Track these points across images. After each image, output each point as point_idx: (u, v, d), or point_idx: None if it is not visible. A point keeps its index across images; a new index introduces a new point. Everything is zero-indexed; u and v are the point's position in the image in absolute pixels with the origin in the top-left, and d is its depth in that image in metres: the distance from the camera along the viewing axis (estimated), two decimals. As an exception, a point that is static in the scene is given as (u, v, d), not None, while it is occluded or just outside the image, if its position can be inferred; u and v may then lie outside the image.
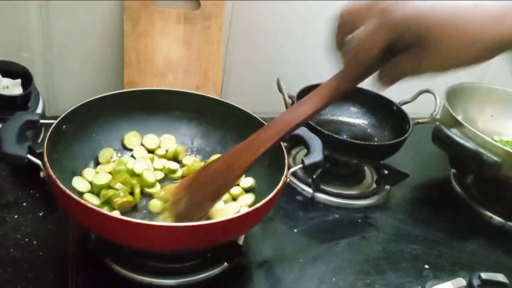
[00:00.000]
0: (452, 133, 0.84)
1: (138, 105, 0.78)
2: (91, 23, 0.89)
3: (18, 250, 0.64)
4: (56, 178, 0.55)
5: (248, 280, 0.67)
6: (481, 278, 0.64)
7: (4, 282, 0.59)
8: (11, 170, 0.78)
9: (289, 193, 0.86)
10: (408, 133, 0.86)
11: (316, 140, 0.69)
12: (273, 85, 0.91)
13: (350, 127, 0.99)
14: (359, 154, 0.86)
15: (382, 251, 0.77)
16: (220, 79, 0.96)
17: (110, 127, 0.76)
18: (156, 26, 0.90)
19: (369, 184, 0.94)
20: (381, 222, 0.84)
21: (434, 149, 0.88)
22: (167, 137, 0.80)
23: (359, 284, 0.69)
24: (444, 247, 0.79)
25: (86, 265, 0.64)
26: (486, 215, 0.90)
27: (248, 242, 0.72)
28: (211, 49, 0.94)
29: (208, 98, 0.79)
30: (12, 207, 0.71)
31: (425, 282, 0.69)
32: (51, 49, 0.89)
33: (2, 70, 0.80)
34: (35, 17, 0.85)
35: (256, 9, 0.97)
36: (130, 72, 0.90)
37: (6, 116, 0.66)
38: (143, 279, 0.62)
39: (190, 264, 0.65)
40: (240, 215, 0.56)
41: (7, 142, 0.58)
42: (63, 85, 0.94)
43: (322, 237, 0.77)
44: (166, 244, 0.56)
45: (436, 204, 0.92)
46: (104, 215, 0.53)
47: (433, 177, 1.02)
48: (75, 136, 0.70)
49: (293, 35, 1.03)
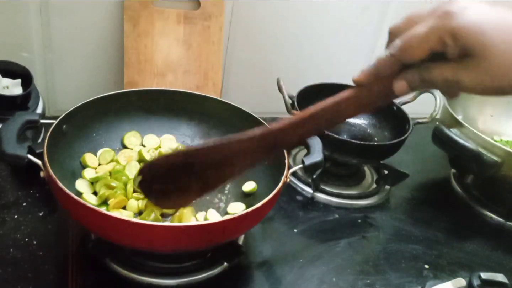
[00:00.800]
0: (452, 133, 0.84)
1: (138, 105, 0.78)
2: (91, 23, 0.89)
3: (18, 250, 0.64)
4: (56, 178, 0.55)
5: (248, 280, 0.67)
6: (481, 278, 0.64)
7: (4, 282, 0.59)
8: (11, 170, 0.78)
9: (289, 193, 0.86)
10: (408, 133, 0.86)
11: (316, 140, 0.69)
12: (273, 85, 0.90)
13: (350, 127, 0.99)
14: (359, 154, 0.86)
15: (382, 251, 0.77)
16: (220, 79, 0.96)
17: (110, 127, 0.76)
18: (156, 26, 0.90)
19: (369, 184, 0.94)
20: (381, 222, 0.84)
21: (434, 149, 0.88)
22: (167, 137, 0.80)
23: (359, 284, 0.69)
24: (444, 247, 0.79)
25: (86, 265, 0.64)
26: (486, 215, 0.90)
27: (248, 242, 0.72)
28: (211, 49, 0.94)
29: (208, 98, 0.79)
30: (12, 207, 0.71)
31: (425, 282, 0.69)
32: (51, 49, 0.89)
33: (2, 70, 0.80)
34: (35, 17, 0.85)
35: (256, 9, 0.97)
36: (130, 72, 0.90)
37: (6, 116, 0.67)
38: (143, 279, 0.62)
39: (190, 264, 0.65)
40: (240, 215, 0.56)
41: (7, 142, 0.58)
42: (63, 85, 0.94)
43: (322, 237, 0.77)
44: (166, 244, 0.56)
45: (436, 204, 0.91)
46: (104, 215, 0.53)
47: (433, 177, 1.02)
48: (75, 136, 0.70)
49: (293, 35, 1.03)
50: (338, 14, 1.03)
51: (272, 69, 1.02)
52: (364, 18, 1.06)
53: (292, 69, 1.05)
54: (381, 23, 1.07)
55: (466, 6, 0.37)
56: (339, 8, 1.03)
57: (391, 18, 1.06)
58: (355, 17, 1.05)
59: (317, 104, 0.47)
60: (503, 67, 0.36)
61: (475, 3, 0.37)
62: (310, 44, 1.05)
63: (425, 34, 0.38)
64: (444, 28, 0.37)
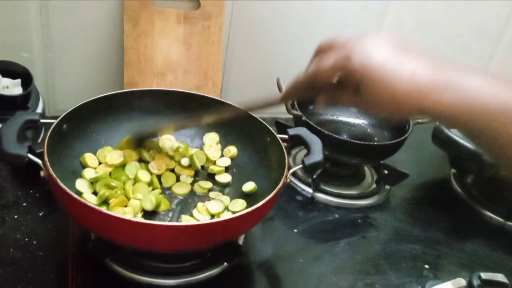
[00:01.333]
0: (452, 133, 0.84)
1: (138, 105, 0.78)
2: (91, 23, 0.89)
3: (18, 250, 0.64)
4: (56, 178, 0.55)
5: (248, 280, 0.67)
6: (481, 278, 0.64)
7: (4, 282, 0.59)
8: (11, 170, 0.78)
9: (289, 193, 0.86)
10: (408, 133, 0.86)
11: (316, 140, 0.69)
12: (273, 85, 0.91)
13: (350, 127, 0.99)
14: (359, 154, 0.86)
15: (382, 251, 0.77)
16: (220, 79, 0.96)
17: (110, 127, 0.76)
18: (156, 26, 0.90)
19: (369, 184, 0.94)
20: (381, 222, 0.84)
21: (434, 149, 0.88)
22: (167, 137, 0.80)
23: (359, 284, 0.69)
24: (444, 247, 0.79)
25: (86, 265, 0.64)
26: (486, 215, 0.90)
27: (248, 242, 0.72)
28: (211, 49, 0.94)
29: (208, 98, 0.79)
30: (12, 207, 0.71)
31: (425, 282, 0.69)
32: (51, 49, 0.89)
33: (2, 70, 0.80)
34: (35, 17, 0.85)
35: (256, 9, 0.97)
36: (130, 72, 0.90)
37: (6, 116, 0.67)
38: (143, 279, 0.62)
39: (190, 264, 0.65)
40: (240, 215, 0.56)
41: (7, 142, 0.58)
42: (63, 85, 0.94)
43: (322, 237, 0.77)
44: (166, 244, 0.56)
45: (436, 204, 0.91)
46: (104, 214, 0.53)
47: (433, 177, 1.02)
48: (75, 136, 0.70)
49: (293, 35, 1.03)
50: (338, 14, 1.03)
51: (272, 69, 1.02)
52: (364, 18, 1.06)
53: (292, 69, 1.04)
54: (380, 23, 1.07)
55: (360, 50, 0.47)
56: (338, 8, 1.03)
57: (390, 18, 1.06)
58: (354, 17, 1.05)
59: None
60: (378, 99, 0.47)
61: (371, 46, 0.47)
62: (310, 44, 1.05)
63: (329, 68, 0.49)
64: (342, 67, 0.48)
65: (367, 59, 0.46)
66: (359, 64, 0.46)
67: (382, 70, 0.46)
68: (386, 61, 0.46)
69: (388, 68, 0.45)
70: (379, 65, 0.46)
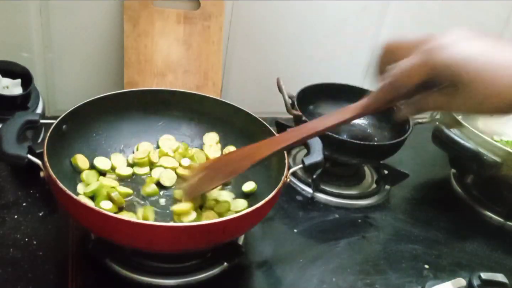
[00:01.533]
0: (452, 133, 0.84)
1: (138, 105, 0.78)
2: (91, 23, 0.89)
3: (18, 250, 0.64)
4: (56, 178, 0.55)
5: (248, 280, 0.67)
6: (481, 278, 0.64)
7: (4, 282, 0.59)
8: (11, 170, 0.78)
9: (289, 193, 0.86)
10: (408, 133, 0.86)
11: (316, 140, 0.69)
12: (273, 85, 0.90)
13: (350, 127, 0.99)
14: (359, 154, 0.86)
15: (382, 251, 0.77)
16: (220, 79, 0.96)
17: (110, 127, 0.76)
18: (156, 26, 0.90)
19: (369, 184, 0.94)
20: (381, 222, 0.84)
21: (434, 149, 0.88)
22: (167, 137, 0.80)
23: (359, 284, 0.69)
24: (444, 247, 0.79)
25: (86, 265, 0.64)
26: (486, 215, 0.90)
27: (248, 242, 0.72)
28: (211, 49, 0.94)
29: (208, 98, 0.79)
30: (12, 207, 0.71)
31: (425, 282, 0.69)
32: (51, 49, 0.89)
33: (2, 70, 0.80)
34: (35, 17, 0.85)
35: (256, 9, 0.97)
36: (130, 72, 0.90)
37: (6, 116, 0.66)
38: (143, 279, 0.62)
39: (190, 264, 0.65)
40: (240, 215, 0.56)
41: (7, 142, 0.58)
42: (63, 85, 0.94)
43: (322, 237, 0.77)
44: (166, 244, 0.56)
45: (436, 204, 0.91)
46: (104, 214, 0.53)
47: (433, 177, 1.02)
48: (75, 136, 0.70)
49: (293, 35, 1.03)
50: (338, 14, 1.03)
51: (272, 69, 1.02)
52: (364, 18, 1.06)
53: (292, 69, 1.05)
54: (380, 23, 1.07)
55: (448, 43, 0.42)
56: (338, 8, 1.03)
57: (390, 18, 1.06)
58: (354, 17, 1.05)
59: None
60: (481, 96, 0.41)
61: (458, 39, 0.42)
62: (310, 44, 1.05)
63: (411, 69, 0.43)
64: (427, 65, 0.42)
65: (461, 52, 0.41)
66: (453, 58, 0.41)
67: (483, 61, 0.40)
68: (483, 50, 0.40)
69: (490, 58, 0.40)
70: (477, 56, 0.40)
